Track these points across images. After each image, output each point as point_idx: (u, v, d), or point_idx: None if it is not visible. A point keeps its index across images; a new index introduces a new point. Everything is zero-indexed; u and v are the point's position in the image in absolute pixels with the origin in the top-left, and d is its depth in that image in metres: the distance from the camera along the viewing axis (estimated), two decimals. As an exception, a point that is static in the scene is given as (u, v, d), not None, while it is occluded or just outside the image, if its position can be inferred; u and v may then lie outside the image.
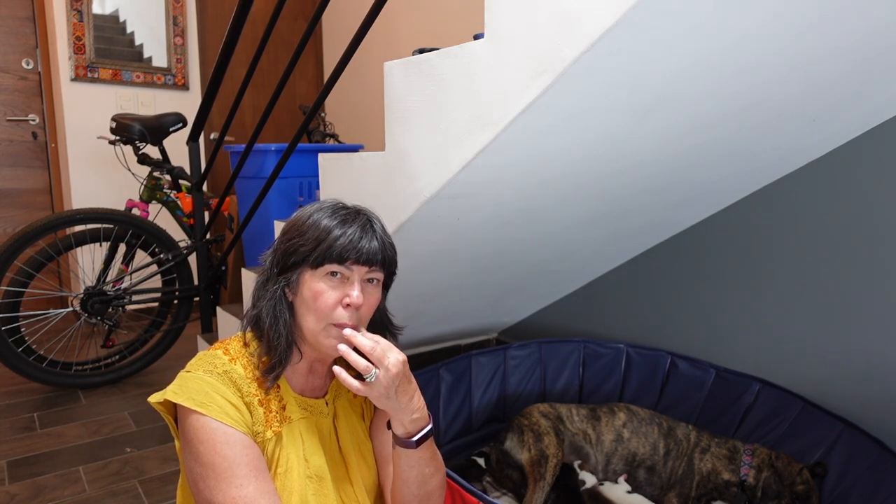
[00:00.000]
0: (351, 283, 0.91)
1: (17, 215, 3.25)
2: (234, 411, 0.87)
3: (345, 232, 0.90)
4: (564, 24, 0.89)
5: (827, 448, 1.51)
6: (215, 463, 0.83)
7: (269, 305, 0.93)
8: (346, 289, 0.91)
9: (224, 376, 0.89)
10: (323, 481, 0.95)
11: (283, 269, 0.94)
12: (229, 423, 0.85)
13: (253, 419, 0.90)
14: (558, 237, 1.71)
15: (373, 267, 0.92)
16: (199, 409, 0.84)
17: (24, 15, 3.17)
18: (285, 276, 0.93)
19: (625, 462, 1.66)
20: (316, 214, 0.93)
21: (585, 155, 1.25)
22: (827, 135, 1.49)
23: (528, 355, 1.99)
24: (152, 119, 2.62)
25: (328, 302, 0.90)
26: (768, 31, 0.98)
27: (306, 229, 0.92)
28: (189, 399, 0.85)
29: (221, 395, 0.87)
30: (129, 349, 2.65)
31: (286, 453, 0.92)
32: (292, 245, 0.92)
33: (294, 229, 0.94)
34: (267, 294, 0.94)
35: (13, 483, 1.79)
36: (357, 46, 1.39)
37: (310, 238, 0.91)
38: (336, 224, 0.91)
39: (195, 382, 0.87)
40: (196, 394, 0.85)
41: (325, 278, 0.91)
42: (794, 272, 1.67)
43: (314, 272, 0.91)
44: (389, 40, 3.24)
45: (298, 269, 0.92)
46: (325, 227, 0.91)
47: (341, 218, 0.92)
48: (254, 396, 0.91)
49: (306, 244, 0.91)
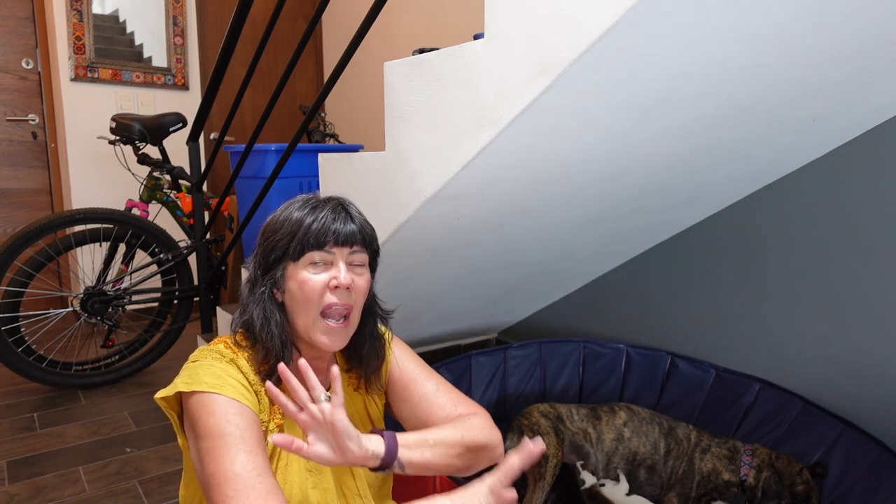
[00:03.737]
0: (336, 265, 0.92)
1: (17, 215, 3.25)
2: (247, 392, 0.88)
3: (317, 217, 0.91)
4: (564, 24, 0.89)
5: (827, 448, 1.51)
6: (227, 432, 0.82)
7: (258, 309, 0.93)
8: (331, 272, 0.91)
9: (232, 364, 0.90)
10: (323, 473, 0.96)
11: (266, 270, 0.94)
12: (244, 402, 0.85)
13: (260, 406, 0.90)
14: (558, 237, 1.71)
15: (354, 247, 0.93)
16: (213, 390, 0.84)
17: (24, 15, 3.17)
18: (270, 275, 0.93)
19: (625, 462, 1.66)
20: (287, 210, 0.95)
21: (585, 155, 1.25)
22: (827, 135, 1.49)
23: (528, 355, 1.98)
24: (152, 119, 2.62)
25: (315, 288, 0.90)
26: (768, 32, 0.98)
27: (280, 225, 0.93)
28: (202, 384, 0.85)
29: (233, 377, 0.88)
30: (129, 349, 2.65)
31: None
32: (270, 243, 0.93)
33: (269, 229, 0.95)
34: (255, 297, 0.94)
35: (13, 483, 1.79)
36: (357, 46, 1.39)
37: (285, 232, 0.92)
38: (307, 213, 0.92)
39: (206, 369, 0.88)
40: (209, 377, 0.86)
41: (309, 267, 0.91)
42: (794, 272, 1.67)
43: (296, 264, 0.91)
44: (389, 40, 3.23)
45: (281, 265, 0.93)
46: (297, 219, 0.92)
47: (311, 206, 0.93)
48: (260, 385, 0.92)
49: (283, 239, 0.91)
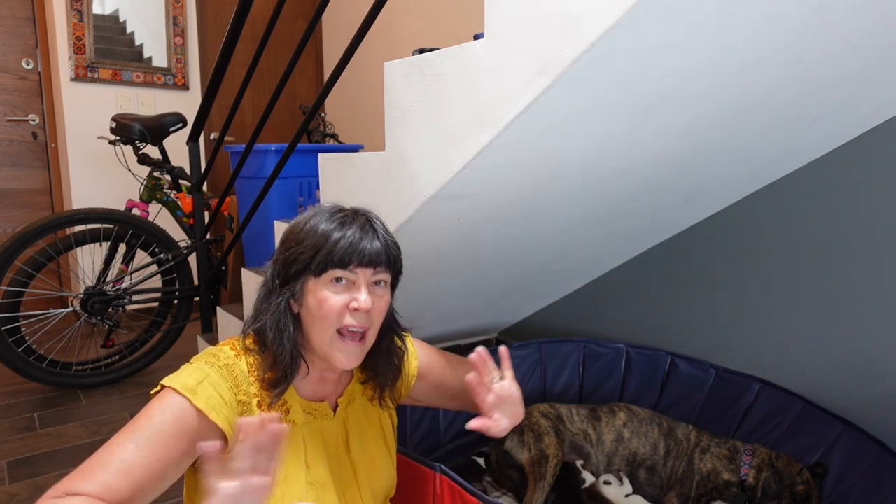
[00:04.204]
0: (357, 287, 0.88)
1: (17, 215, 3.25)
2: (222, 405, 0.84)
3: (344, 234, 0.87)
4: (564, 24, 0.89)
5: (827, 448, 1.51)
6: (146, 425, 0.79)
7: (272, 319, 0.89)
8: (352, 293, 0.88)
9: (224, 370, 0.87)
10: (325, 488, 0.93)
11: (285, 280, 0.90)
12: (213, 417, 0.82)
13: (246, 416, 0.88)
14: (558, 237, 1.71)
15: (378, 268, 0.89)
16: (186, 393, 0.82)
17: (24, 15, 3.17)
18: (289, 287, 0.89)
19: (625, 462, 1.66)
20: (313, 220, 0.90)
21: (585, 155, 1.25)
22: (827, 135, 1.49)
23: (528, 355, 1.98)
24: (152, 119, 2.62)
25: (334, 307, 0.87)
26: (768, 32, 0.98)
27: (304, 236, 0.89)
28: (180, 384, 0.83)
29: (214, 387, 0.85)
30: (129, 349, 2.65)
31: (285, 459, 0.90)
32: (292, 254, 0.89)
33: (292, 238, 0.91)
34: (271, 307, 0.90)
35: (13, 483, 1.79)
36: (357, 46, 1.39)
37: (309, 245, 0.87)
38: (334, 227, 0.88)
39: (193, 371, 0.86)
40: (189, 380, 0.84)
41: (330, 285, 0.88)
42: (794, 272, 1.67)
43: (318, 280, 0.88)
44: (389, 40, 3.23)
45: (301, 279, 0.89)
46: (322, 232, 0.88)
47: (339, 220, 0.89)
48: (253, 397, 0.89)
49: (306, 252, 0.87)
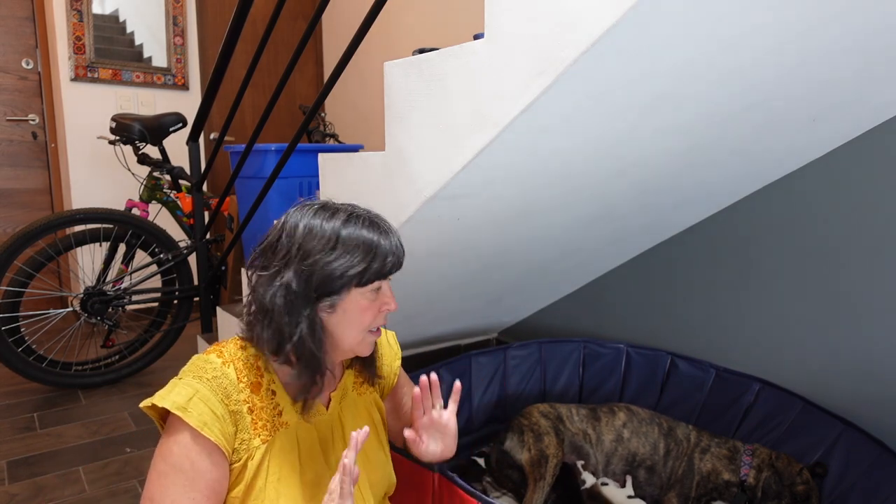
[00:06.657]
0: (384, 291, 0.94)
1: (17, 215, 3.25)
2: (214, 420, 0.86)
3: (391, 242, 0.91)
4: (564, 24, 0.89)
5: (827, 448, 1.51)
6: (182, 469, 0.84)
7: (307, 331, 0.89)
8: (381, 297, 0.93)
9: (212, 382, 0.88)
10: (320, 486, 0.94)
11: (323, 293, 0.89)
12: (206, 434, 0.85)
13: (238, 428, 0.89)
14: (558, 237, 1.71)
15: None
16: (179, 412, 0.84)
17: (24, 15, 3.17)
18: (329, 298, 0.89)
19: (625, 462, 1.66)
20: (348, 229, 0.89)
21: (585, 155, 1.25)
22: (827, 135, 1.49)
23: (528, 355, 1.98)
24: (152, 119, 2.62)
25: (373, 312, 0.93)
26: (768, 32, 0.98)
27: (345, 246, 0.88)
28: (171, 403, 0.85)
29: (205, 401, 0.86)
30: (129, 349, 2.65)
31: (279, 461, 0.91)
32: (339, 267, 0.87)
33: (322, 245, 0.88)
34: (302, 319, 0.88)
35: (13, 483, 1.79)
36: (357, 46, 1.39)
37: (358, 256, 0.88)
38: (379, 235, 0.91)
39: (182, 387, 0.87)
40: (179, 398, 0.86)
41: (369, 293, 0.91)
42: (794, 272, 1.67)
43: (362, 290, 0.90)
44: (389, 40, 3.23)
45: (346, 289, 0.90)
46: (369, 242, 0.89)
47: (377, 229, 0.92)
48: (243, 404, 0.90)
49: (355, 265, 0.88)
